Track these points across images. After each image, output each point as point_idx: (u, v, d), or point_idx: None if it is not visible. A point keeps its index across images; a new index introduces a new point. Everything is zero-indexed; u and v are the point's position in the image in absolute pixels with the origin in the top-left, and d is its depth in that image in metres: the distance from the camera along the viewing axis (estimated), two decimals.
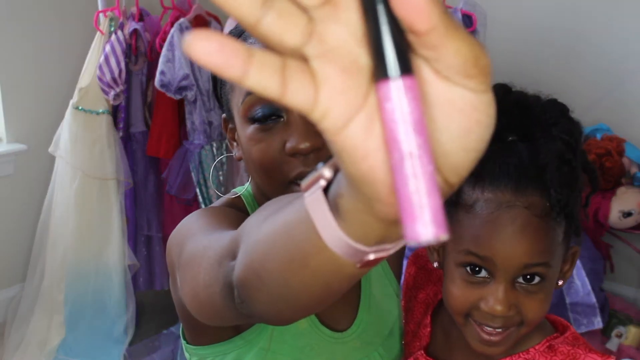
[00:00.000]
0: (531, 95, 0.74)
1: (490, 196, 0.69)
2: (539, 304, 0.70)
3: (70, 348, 2.39)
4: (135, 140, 2.53)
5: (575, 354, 0.73)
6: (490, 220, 0.69)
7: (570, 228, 0.70)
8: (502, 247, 0.69)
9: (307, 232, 0.44)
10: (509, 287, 0.70)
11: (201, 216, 0.77)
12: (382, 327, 0.91)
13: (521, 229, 0.68)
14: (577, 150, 0.68)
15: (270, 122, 0.77)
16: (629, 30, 2.57)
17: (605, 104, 2.64)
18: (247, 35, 0.81)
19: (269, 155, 0.76)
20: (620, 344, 2.33)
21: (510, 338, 0.72)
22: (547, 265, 0.69)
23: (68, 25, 2.70)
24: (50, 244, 2.44)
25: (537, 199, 0.68)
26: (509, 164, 0.69)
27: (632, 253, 2.61)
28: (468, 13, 2.30)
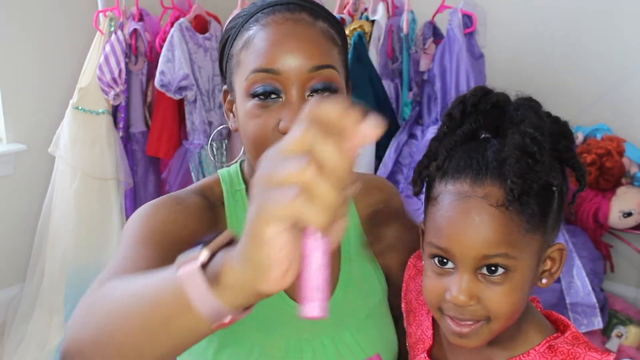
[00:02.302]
0: (508, 95, 0.76)
1: (451, 188, 0.71)
2: (502, 296, 0.70)
3: None
4: (135, 140, 2.53)
5: (575, 353, 0.72)
6: (448, 211, 0.70)
7: (535, 220, 0.69)
8: (457, 237, 0.70)
9: (174, 297, 0.55)
10: (472, 277, 0.70)
11: (141, 228, 0.81)
12: (358, 308, 0.93)
13: (476, 219, 0.69)
14: (543, 144, 0.68)
15: (269, 100, 0.81)
16: (629, 31, 2.57)
17: (605, 104, 2.64)
18: (243, 27, 0.85)
19: (263, 131, 0.81)
20: (620, 344, 2.33)
21: (481, 332, 0.72)
22: (507, 256, 0.69)
23: (68, 25, 2.70)
24: (50, 244, 2.44)
25: (494, 189, 0.68)
26: (473, 158, 0.71)
27: (632, 253, 2.61)
28: (468, 13, 2.30)
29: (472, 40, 2.33)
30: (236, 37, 0.87)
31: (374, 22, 2.32)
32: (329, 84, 0.81)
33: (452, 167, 0.72)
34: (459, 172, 0.71)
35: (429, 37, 2.36)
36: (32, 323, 2.45)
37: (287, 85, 0.80)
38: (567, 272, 2.23)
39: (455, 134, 0.74)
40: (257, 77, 0.80)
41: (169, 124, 2.47)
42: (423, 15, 2.44)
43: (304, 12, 0.84)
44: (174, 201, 0.86)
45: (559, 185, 0.70)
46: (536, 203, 0.69)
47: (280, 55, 0.80)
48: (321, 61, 0.81)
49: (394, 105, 2.35)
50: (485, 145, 0.72)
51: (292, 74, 0.80)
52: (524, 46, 2.79)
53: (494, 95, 0.74)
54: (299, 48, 0.80)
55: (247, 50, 0.83)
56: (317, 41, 0.82)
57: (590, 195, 2.42)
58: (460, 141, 0.73)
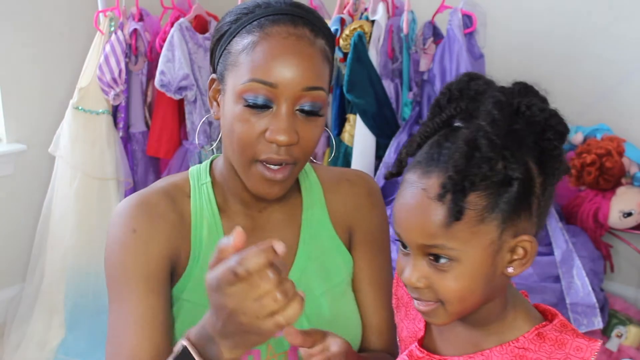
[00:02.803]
0: (494, 82, 0.76)
1: (406, 176, 0.75)
2: (449, 282, 0.72)
3: (70, 348, 2.39)
4: (135, 140, 2.53)
5: (563, 339, 0.74)
6: (398, 198, 0.75)
7: (483, 213, 0.70)
8: (401, 225, 0.74)
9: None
10: (422, 262, 0.74)
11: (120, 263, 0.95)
12: (313, 287, 1.01)
13: (416, 209, 0.72)
14: (494, 139, 0.68)
15: (260, 109, 0.87)
16: (629, 31, 2.57)
17: (605, 104, 2.64)
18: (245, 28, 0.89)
19: (250, 136, 0.88)
20: (620, 344, 2.33)
21: (438, 313, 0.75)
22: (445, 247, 0.71)
23: (68, 25, 2.70)
24: (50, 244, 2.44)
25: (438, 182, 0.70)
26: (433, 148, 0.73)
27: (632, 253, 2.61)
28: (468, 13, 2.30)
29: (472, 40, 2.33)
30: (236, 35, 0.90)
31: (374, 22, 2.32)
32: (317, 106, 0.89)
33: (417, 156, 0.75)
34: (417, 162, 0.74)
35: (429, 37, 2.37)
36: (32, 323, 2.45)
37: (279, 98, 0.87)
38: (567, 272, 2.23)
39: (433, 121, 0.76)
40: (254, 87, 0.86)
41: (169, 124, 2.47)
42: (423, 15, 2.44)
43: (306, 28, 0.89)
44: (130, 233, 0.95)
45: (521, 178, 0.70)
46: (484, 196, 0.69)
47: (279, 70, 0.86)
48: (315, 83, 0.88)
49: (394, 105, 2.35)
50: (448, 136, 0.73)
51: (287, 90, 0.86)
52: (524, 46, 2.79)
53: (478, 83, 0.75)
54: (298, 66, 0.86)
55: (248, 55, 0.87)
56: (314, 61, 0.88)
57: (590, 195, 2.42)
58: (435, 128, 0.75)
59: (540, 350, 0.74)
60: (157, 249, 0.95)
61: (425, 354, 0.82)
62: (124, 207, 0.98)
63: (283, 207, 1.03)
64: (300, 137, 0.88)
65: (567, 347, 0.73)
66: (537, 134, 0.72)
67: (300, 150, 0.90)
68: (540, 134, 0.73)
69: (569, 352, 0.73)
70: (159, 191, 0.99)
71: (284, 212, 1.03)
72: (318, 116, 0.90)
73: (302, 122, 0.88)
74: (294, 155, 0.89)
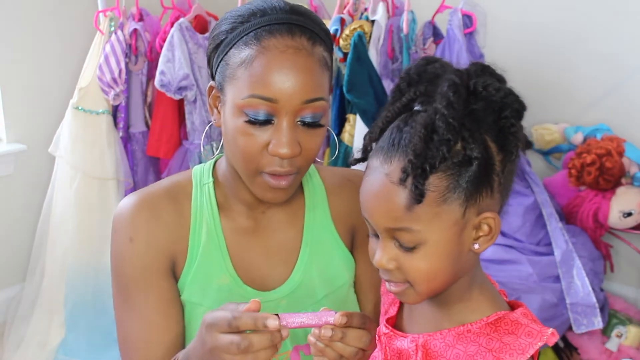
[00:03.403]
0: (451, 65, 0.77)
1: (370, 162, 0.77)
2: (417, 263, 0.75)
3: (70, 348, 2.39)
4: (135, 140, 2.53)
5: (517, 324, 0.76)
6: (363, 184, 0.77)
7: (445, 193, 0.72)
8: (366, 210, 0.77)
9: None
10: (389, 244, 0.76)
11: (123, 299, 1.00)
12: (316, 290, 1.01)
13: (378, 194, 0.74)
14: (451, 122, 0.69)
15: (262, 124, 0.88)
16: (629, 30, 2.57)
17: (605, 104, 2.64)
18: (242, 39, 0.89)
19: (252, 149, 0.89)
20: (620, 344, 2.33)
21: (408, 293, 0.78)
22: (410, 230, 0.73)
23: (68, 25, 2.70)
24: (50, 244, 2.44)
25: (398, 166, 0.71)
26: (393, 133, 0.75)
27: (632, 253, 2.61)
28: (468, 13, 2.30)
29: (472, 40, 2.33)
30: (233, 47, 0.89)
31: (374, 22, 2.31)
32: (318, 116, 0.90)
33: (380, 141, 0.76)
34: (379, 147, 0.76)
35: (429, 37, 2.36)
36: (32, 323, 2.45)
37: (280, 112, 0.87)
38: (567, 272, 2.23)
39: (394, 105, 0.77)
40: (254, 102, 0.87)
41: (169, 124, 2.47)
42: (423, 15, 2.44)
43: (304, 37, 0.89)
44: (128, 242, 0.97)
45: (480, 158, 0.71)
46: (445, 177, 0.71)
47: (278, 85, 0.86)
48: (315, 94, 0.88)
49: None
50: (408, 120, 0.74)
51: (287, 104, 0.87)
52: (524, 46, 2.79)
53: (434, 66, 0.76)
54: (297, 80, 0.87)
55: (246, 69, 0.87)
56: (313, 73, 0.88)
57: (590, 195, 2.42)
58: (396, 113, 0.77)
59: (493, 333, 0.76)
60: (154, 254, 0.97)
61: (389, 330, 0.85)
62: (124, 210, 0.99)
63: (285, 208, 1.03)
64: (302, 148, 0.89)
65: (519, 331, 0.75)
66: (495, 113, 0.74)
67: (303, 160, 0.91)
68: (498, 112, 0.74)
69: (519, 336, 0.74)
70: (160, 191, 1.00)
71: (286, 214, 1.03)
72: (319, 126, 0.91)
73: (303, 133, 0.89)
74: (297, 165, 0.91)
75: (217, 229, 0.99)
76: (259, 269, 1.01)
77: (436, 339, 0.79)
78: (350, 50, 2.26)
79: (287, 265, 1.02)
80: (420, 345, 0.79)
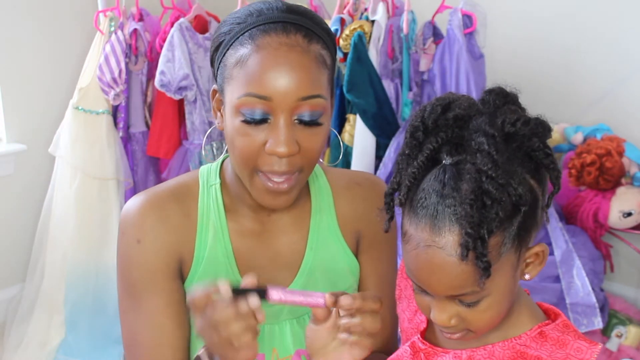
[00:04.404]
0: (472, 102, 0.74)
1: (413, 233, 0.72)
2: (480, 315, 0.73)
3: (70, 348, 2.39)
4: (135, 140, 2.53)
5: (564, 340, 0.74)
6: (413, 256, 0.72)
7: (503, 248, 0.70)
8: (424, 281, 0.73)
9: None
10: (448, 303, 0.73)
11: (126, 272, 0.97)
12: None
13: (438, 268, 0.70)
14: (498, 180, 0.67)
15: (259, 123, 0.86)
16: (629, 30, 2.57)
17: (605, 104, 2.64)
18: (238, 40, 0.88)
19: (249, 149, 0.87)
20: (620, 344, 2.33)
21: (466, 337, 0.76)
22: (474, 292, 0.71)
23: (68, 25, 2.70)
24: (50, 244, 2.44)
25: (452, 238, 0.68)
26: (430, 198, 0.70)
27: (632, 253, 2.61)
28: (468, 13, 2.30)
29: (472, 40, 2.33)
30: (229, 47, 0.88)
31: (374, 22, 2.31)
32: (316, 114, 0.87)
33: (414, 205, 0.72)
34: (418, 216, 0.71)
35: (429, 37, 2.36)
36: (32, 323, 2.45)
37: (276, 111, 0.85)
38: (567, 272, 2.23)
39: (417, 158, 0.72)
40: (249, 101, 0.85)
41: (169, 124, 2.47)
42: (423, 15, 2.44)
43: (299, 34, 0.86)
44: (135, 244, 0.96)
45: (529, 201, 0.69)
46: (499, 234, 0.69)
47: (272, 83, 0.84)
48: (311, 91, 0.86)
49: (394, 105, 2.35)
50: (443, 179, 0.70)
51: (282, 102, 0.85)
52: (524, 46, 2.79)
53: (455, 108, 0.72)
54: (291, 77, 0.84)
55: (241, 69, 0.86)
56: (308, 70, 0.86)
57: (590, 195, 2.42)
58: (422, 167, 0.72)
59: (541, 348, 0.74)
60: (162, 256, 0.96)
61: (427, 346, 0.83)
62: (130, 211, 0.98)
63: (292, 211, 1.02)
64: (301, 147, 0.87)
65: (568, 347, 0.74)
66: (527, 146, 0.72)
67: (304, 159, 0.89)
68: (529, 145, 0.72)
69: (569, 353, 0.73)
70: (167, 192, 0.99)
71: (292, 217, 1.02)
72: (318, 125, 0.88)
73: (301, 131, 0.87)
74: (297, 164, 0.88)
75: (223, 232, 0.98)
76: (263, 272, 0.99)
77: (480, 355, 0.78)
78: (350, 50, 2.26)
79: (291, 269, 1.01)
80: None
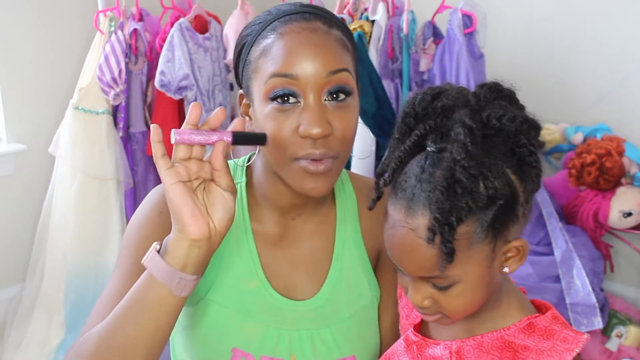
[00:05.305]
0: (465, 92, 0.75)
1: (392, 212, 0.75)
2: (452, 300, 0.75)
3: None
4: (135, 140, 2.53)
5: (551, 330, 0.76)
6: (389, 236, 0.76)
7: (474, 237, 0.71)
8: (397, 260, 0.76)
9: (144, 282, 0.80)
10: (423, 285, 0.76)
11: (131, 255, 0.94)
12: (342, 308, 0.97)
13: (409, 249, 0.73)
14: (471, 171, 0.68)
15: (288, 104, 0.85)
16: (629, 30, 2.57)
17: (605, 104, 2.64)
18: (260, 35, 0.89)
19: (283, 134, 0.85)
20: (620, 344, 2.33)
21: (443, 321, 0.79)
22: (443, 276, 0.72)
23: (68, 25, 2.70)
24: (50, 244, 2.44)
25: (423, 222, 0.71)
26: (408, 181, 0.73)
27: (632, 253, 2.61)
28: (468, 13, 2.30)
29: (472, 40, 2.33)
30: (253, 44, 0.89)
31: (374, 22, 2.32)
32: (343, 86, 0.86)
33: (396, 187, 0.75)
34: (397, 197, 0.74)
35: (429, 37, 2.37)
36: (32, 323, 2.45)
37: (305, 89, 0.85)
38: (567, 272, 2.23)
39: (404, 143, 0.75)
40: (277, 82, 0.85)
41: (169, 124, 2.47)
42: (423, 15, 2.44)
43: (318, 21, 0.88)
44: (157, 213, 0.95)
45: (505, 195, 0.70)
46: (472, 223, 0.70)
47: (298, 62, 0.84)
48: (336, 65, 0.85)
49: (394, 105, 2.35)
50: (424, 164, 0.72)
51: (310, 79, 0.84)
52: (524, 46, 2.79)
53: (443, 98, 0.74)
54: (316, 54, 0.84)
55: (266, 57, 0.86)
56: (332, 48, 0.86)
57: (590, 195, 2.42)
58: (408, 152, 0.75)
59: (528, 338, 0.76)
60: None
61: (419, 338, 0.85)
62: (158, 191, 0.98)
63: (315, 217, 0.99)
64: (334, 128, 0.85)
65: (554, 337, 0.75)
66: (512, 142, 0.72)
67: (338, 142, 0.86)
68: (514, 141, 0.72)
69: (555, 343, 0.74)
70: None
71: (315, 223, 0.99)
72: (348, 97, 0.86)
73: (332, 112, 0.85)
74: (333, 147, 0.86)
75: (247, 232, 0.97)
76: (285, 277, 0.98)
77: (469, 345, 0.79)
78: None
79: (315, 278, 0.98)
80: (454, 352, 0.79)
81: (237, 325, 0.95)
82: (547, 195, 2.39)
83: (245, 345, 0.94)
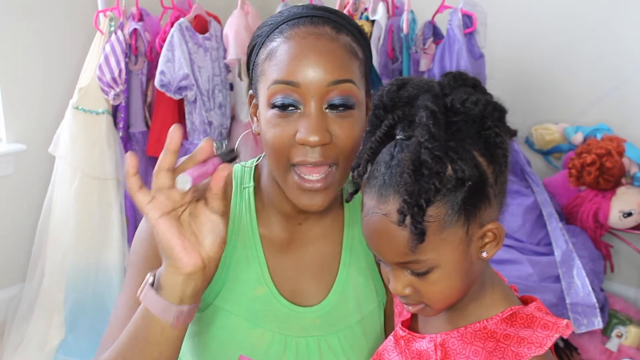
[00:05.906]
0: (429, 82, 0.77)
1: (366, 201, 0.77)
2: (431, 287, 0.76)
3: (70, 348, 2.39)
4: (135, 140, 2.53)
5: (532, 317, 0.77)
6: (365, 224, 0.77)
7: (447, 220, 0.72)
8: (373, 247, 0.78)
9: (142, 317, 0.78)
10: (401, 273, 0.77)
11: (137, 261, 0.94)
12: (350, 314, 0.97)
13: (383, 235, 0.74)
14: (437, 153, 0.69)
15: (288, 111, 0.85)
16: (629, 30, 2.57)
17: (605, 104, 2.64)
18: (268, 37, 0.88)
19: (281, 140, 0.85)
20: (620, 344, 2.33)
21: (425, 312, 0.80)
22: (419, 260, 0.74)
23: (68, 25, 2.70)
24: (50, 244, 2.44)
25: (395, 206, 0.72)
26: (379, 169, 0.74)
27: (632, 253, 2.61)
28: (468, 13, 2.30)
29: (472, 40, 2.33)
30: (261, 47, 0.89)
31: (374, 22, 2.32)
32: (346, 98, 0.85)
33: (369, 177, 0.76)
34: (370, 185, 0.75)
35: (429, 37, 2.37)
36: (32, 323, 2.45)
37: (306, 97, 0.84)
38: (567, 272, 2.23)
39: (375, 134, 0.77)
40: (278, 89, 0.84)
41: (169, 124, 2.46)
42: (423, 15, 2.44)
43: (327, 26, 0.86)
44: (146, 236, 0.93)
45: (474, 176, 0.71)
46: (442, 205, 0.71)
47: (300, 69, 0.83)
48: (340, 75, 0.84)
49: None
50: (393, 151, 0.74)
51: (311, 87, 0.83)
52: (524, 46, 2.79)
53: (409, 88, 0.76)
54: (318, 62, 0.83)
55: (270, 61, 0.86)
56: (337, 56, 0.85)
57: (590, 195, 2.42)
58: (379, 142, 0.76)
59: (510, 327, 0.77)
60: None
61: (407, 333, 0.86)
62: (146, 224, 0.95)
63: (323, 220, 0.98)
64: (334, 136, 0.84)
65: (534, 324, 0.76)
66: (477, 125, 0.74)
67: (337, 151, 0.85)
68: (480, 123, 0.74)
69: (535, 330, 0.76)
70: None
71: (324, 227, 0.99)
72: (350, 110, 0.85)
73: (333, 120, 0.85)
74: (330, 156, 0.85)
75: (254, 238, 0.96)
76: (293, 283, 0.97)
77: (453, 337, 0.80)
78: None
79: (322, 284, 0.97)
80: (439, 345, 0.80)
81: (244, 332, 0.94)
82: (547, 195, 2.39)
83: (252, 352, 0.94)
